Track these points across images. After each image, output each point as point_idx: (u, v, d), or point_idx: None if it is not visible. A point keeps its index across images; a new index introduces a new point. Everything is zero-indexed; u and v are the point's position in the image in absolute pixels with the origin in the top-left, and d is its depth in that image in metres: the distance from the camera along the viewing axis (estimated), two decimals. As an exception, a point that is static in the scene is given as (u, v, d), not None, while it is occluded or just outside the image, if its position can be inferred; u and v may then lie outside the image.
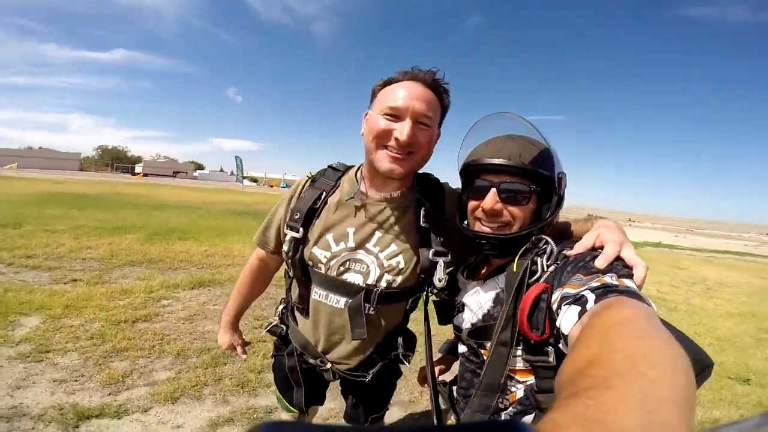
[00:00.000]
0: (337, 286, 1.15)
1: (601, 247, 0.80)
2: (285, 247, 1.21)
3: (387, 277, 1.12)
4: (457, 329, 1.06)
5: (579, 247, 0.83)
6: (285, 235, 1.21)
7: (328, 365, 1.23)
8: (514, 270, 0.87)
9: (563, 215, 1.04)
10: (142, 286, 4.45)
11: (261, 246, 1.36)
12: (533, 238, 0.91)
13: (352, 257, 1.13)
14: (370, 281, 1.12)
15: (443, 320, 1.16)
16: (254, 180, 77.86)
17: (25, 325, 3.17)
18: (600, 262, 0.74)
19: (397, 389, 1.47)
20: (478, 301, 0.99)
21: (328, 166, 1.28)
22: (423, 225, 1.11)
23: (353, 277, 1.13)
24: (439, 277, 1.07)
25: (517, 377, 0.89)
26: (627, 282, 0.68)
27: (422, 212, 1.12)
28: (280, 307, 1.40)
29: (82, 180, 26.78)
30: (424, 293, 1.21)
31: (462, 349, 1.07)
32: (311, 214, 1.17)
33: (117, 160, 79.62)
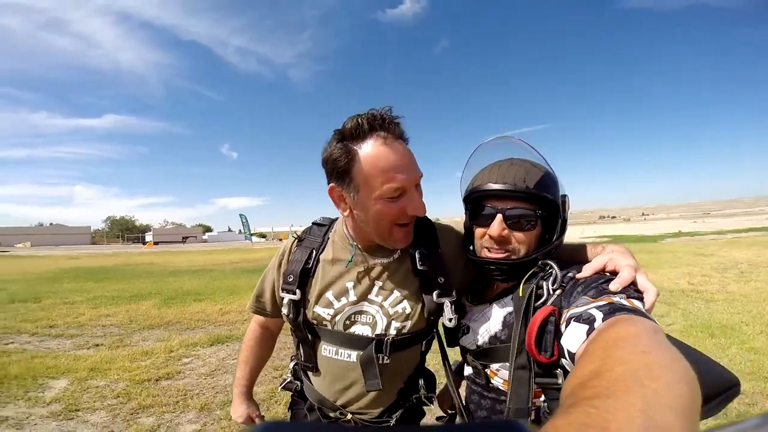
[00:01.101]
0: (346, 340, 1.10)
1: (613, 271, 0.80)
2: (284, 311, 1.16)
3: (395, 324, 1.08)
4: (464, 350, 1.06)
5: (589, 269, 0.83)
6: (282, 299, 1.16)
7: (349, 416, 1.16)
8: (520, 295, 0.87)
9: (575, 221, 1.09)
10: (162, 346, 4.53)
11: (257, 313, 1.33)
12: (540, 262, 0.91)
13: (356, 310, 1.09)
14: (378, 331, 1.08)
15: (451, 342, 1.14)
16: (262, 236, 77.37)
17: (54, 387, 3.26)
18: (615, 286, 0.74)
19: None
20: (484, 324, 0.99)
21: (313, 223, 1.26)
22: (421, 268, 1.06)
23: (361, 329, 1.09)
24: (449, 317, 1.04)
25: (530, 405, 0.87)
26: (636, 303, 0.68)
27: (417, 255, 1.07)
28: (292, 364, 1.34)
29: (95, 253, 27.39)
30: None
31: (468, 371, 1.06)
32: (305, 275, 1.13)
33: (127, 231, 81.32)
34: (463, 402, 1.09)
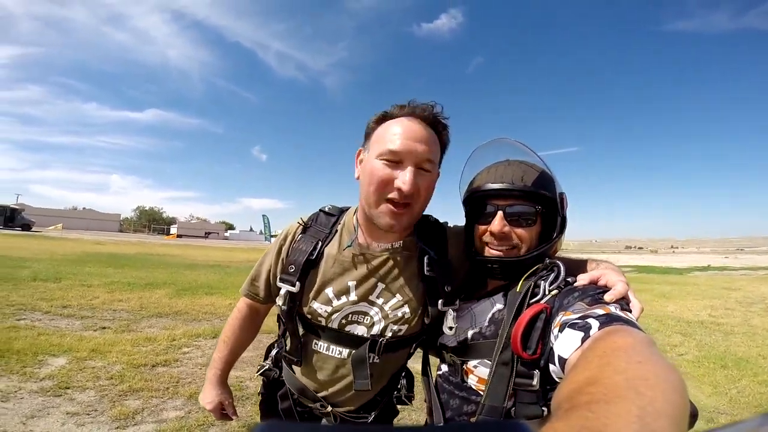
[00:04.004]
0: (339, 338, 1.09)
1: (604, 286, 0.82)
2: (279, 302, 1.11)
3: (393, 327, 1.07)
4: (443, 347, 1.04)
5: (584, 279, 0.85)
6: (278, 288, 1.11)
7: (329, 408, 1.16)
8: (518, 290, 0.88)
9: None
10: (165, 334, 4.58)
11: (250, 297, 1.25)
12: (548, 261, 0.92)
13: (355, 310, 1.07)
14: (374, 332, 1.07)
15: (429, 343, 1.12)
16: (283, 238, 79.28)
17: (52, 365, 3.31)
18: (610, 297, 0.76)
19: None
20: (469, 320, 0.99)
21: (320, 211, 1.19)
22: (428, 274, 1.04)
23: (357, 329, 1.08)
24: (449, 326, 1.02)
25: (506, 405, 0.85)
26: (629, 315, 0.70)
27: (426, 260, 1.05)
28: (273, 351, 1.32)
29: (120, 241, 28.27)
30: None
31: (442, 369, 1.05)
32: (308, 267, 1.08)
33: (153, 222, 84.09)
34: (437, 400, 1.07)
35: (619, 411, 0.35)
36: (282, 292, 1.08)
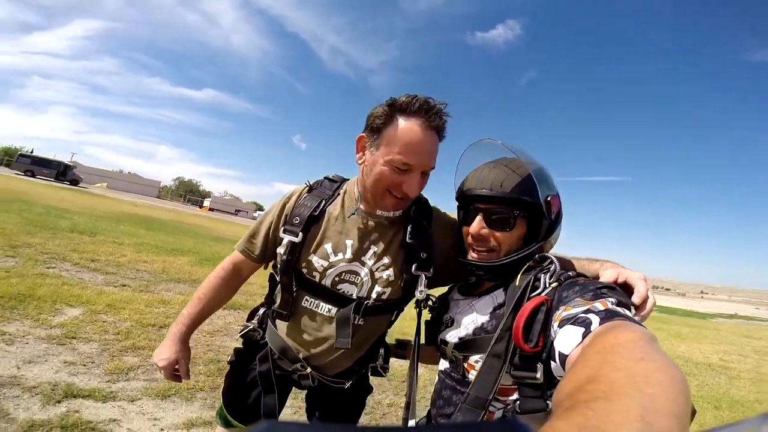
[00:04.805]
0: (330, 296, 1.16)
1: (624, 283, 0.85)
2: (281, 250, 1.17)
3: (378, 289, 1.15)
4: (443, 343, 1.05)
5: (609, 277, 0.87)
6: (281, 239, 1.18)
7: (309, 370, 1.20)
8: (517, 284, 0.89)
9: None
10: (180, 299, 4.73)
11: (245, 253, 1.30)
12: (536, 256, 0.93)
13: (348, 269, 1.15)
14: (362, 293, 1.15)
15: (430, 340, 1.15)
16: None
17: (66, 314, 3.47)
18: (637, 300, 0.80)
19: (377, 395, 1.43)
20: (470, 315, 0.99)
21: (325, 178, 1.30)
22: (409, 241, 1.15)
23: (347, 288, 1.15)
24: (420, 289, 1.12)
25: (497, 395, 0.86)
26: (628, 312, 0.70)
27: (408, 229, 1.16)
28: (261, 311, 1.34)
29: (156, 206, 29.65)
30: (418, 309, 1.20)
31: (443, 365, 1.06)
32: (311, 221, 1.17)
33: (190, 193, 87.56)
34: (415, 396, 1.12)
35: (620, 409, 0.34)
36: (285, 241, 1.16)
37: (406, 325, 2.23)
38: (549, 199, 0.96)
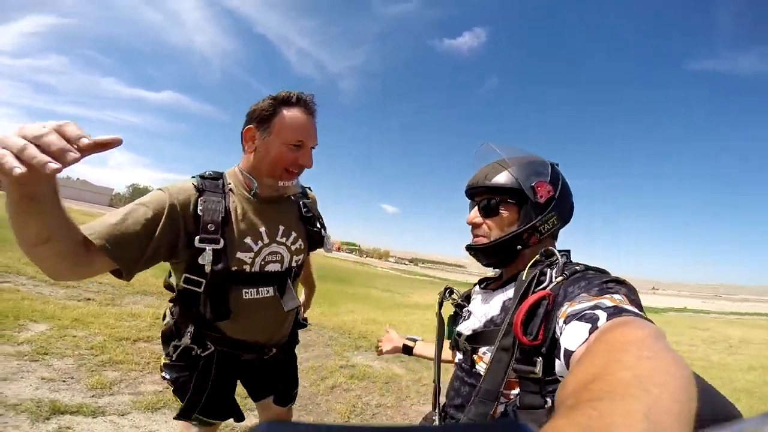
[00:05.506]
0: (263, 279, 1.28)
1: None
2: (204, 261, 1.13)
3: (295, 258, 1.36)
4: (458, 334, 1.08)
5: None
6: (200, 250, 1.13)
7: (273, 351, 1.37)
8: (524, 278, 0.91)
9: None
10: (150, 312, 4.55)
11: (117, 257, 1.01)
12: (543, 251, 0.96)
13: (270, 251, 1.28)
14: (285, 265, 1.33)
15: (451, 335, 1.16)
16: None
17: (32, 330, 3.25)
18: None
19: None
20: (484, 308, 1.03)
21: (201, 177, 1.25)
22: (306, 215, 1.41)
23: (273, 267, 1.30)
24: (328, 246, 1.48)
25: (502, 390, 0.87)
26: (635, 308, 0.69)
27: (302, 205, 1.42)
28: (190, 329, 1.26)
29: (116, 218, 28.06)
30: (440, 302, 1.22)
31: (458, 357, 1.08)
32: (224, 223, 1.17)
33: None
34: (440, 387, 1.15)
35: (625, 409, 0.33)
36: (207, 251, 1.14)
37: (427, 317, 2.27)
38: (534, 184, 1.00)
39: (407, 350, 1.49)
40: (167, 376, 1.31)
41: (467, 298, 1.18)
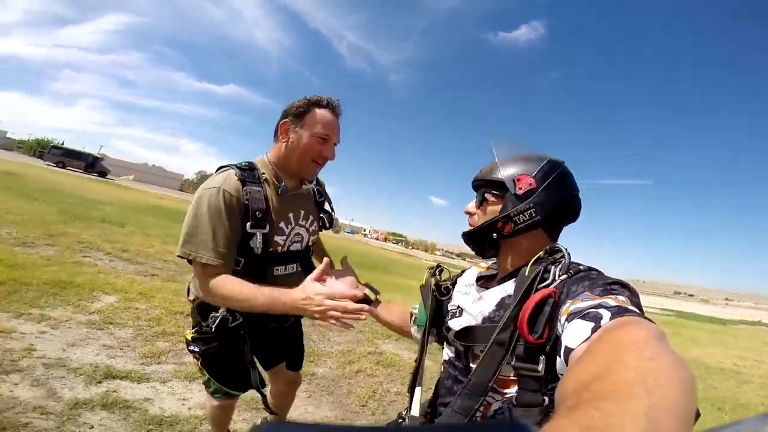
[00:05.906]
0: (290, 257, 1.54)
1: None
2: (254, 244, 1.35)
3: (311, 237, 1.63)
4: (447, 330, 1.07)
5: None
6: (252, 235, 1.34)
7: (291, 319, 1.70)
8: (526, 274, 0.89)
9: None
10: (204, 288, 4.97)
11: (224, 259, 1.29)
12: (547, 247, 0.93)
13: (295, 233, 1.53)
14: (304, 244, 1.59)
15: (434, 323, 1.15)
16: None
17: (103, 301, 3.74)
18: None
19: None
20: (479, 304, 1.01)
21: (239, 168, 1.38)
22: (319, 200, 1.67)
23: (296, 246, 1.56)
24: (337, 228, 1.77)
25: (497, 386, 0.87)
26: (636, 309, 0.69)
27: (315, 192, 1.66)
28: (222, 311, 1.46)
29: (180, 198, 30.53)
30: (431, 276, 1.22)
31: (446, 354, 1.08)
32: (267, 211, 1.38)
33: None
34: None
35: (626, 409, 0.34)
36: (258, 236, 1.37)
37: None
38: (516, 177, 1.01)
39: (367, 301, 1.35)
40: (196, 349, 1.51)
41: (454, 283, 1.18)
